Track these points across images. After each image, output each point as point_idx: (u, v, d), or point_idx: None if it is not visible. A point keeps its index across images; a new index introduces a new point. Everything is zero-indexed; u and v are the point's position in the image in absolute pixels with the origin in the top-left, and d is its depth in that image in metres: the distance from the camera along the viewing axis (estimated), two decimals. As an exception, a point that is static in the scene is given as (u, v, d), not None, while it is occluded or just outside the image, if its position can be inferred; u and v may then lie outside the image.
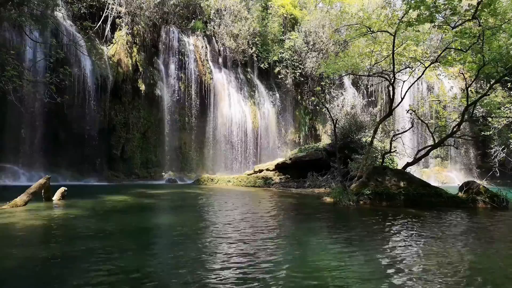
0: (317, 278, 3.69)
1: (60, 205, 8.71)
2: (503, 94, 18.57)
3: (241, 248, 4.86)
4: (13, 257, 4.32)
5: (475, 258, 4.67)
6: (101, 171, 18.87)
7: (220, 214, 8.38)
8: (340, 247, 5.06)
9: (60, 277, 3.63)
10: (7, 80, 11.75)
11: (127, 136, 20.26)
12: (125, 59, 20.21)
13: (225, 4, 24.61)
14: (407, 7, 10.55)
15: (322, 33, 26.41)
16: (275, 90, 27.11)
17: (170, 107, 21.90)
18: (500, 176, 21.49)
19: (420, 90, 28.10)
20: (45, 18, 14.81)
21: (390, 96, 13.73)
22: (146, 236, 5.73)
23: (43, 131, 17.15)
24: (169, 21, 22.96)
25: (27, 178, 15.75)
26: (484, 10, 10.05)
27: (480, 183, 11.05)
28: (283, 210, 9.31)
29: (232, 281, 3.56)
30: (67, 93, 14.97)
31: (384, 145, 18.18)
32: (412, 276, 3.86)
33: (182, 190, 14.39)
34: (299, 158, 18.07)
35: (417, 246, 5.27)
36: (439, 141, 13.39)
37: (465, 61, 12.29)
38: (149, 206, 9.74)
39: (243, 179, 18.13)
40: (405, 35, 12.66)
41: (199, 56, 23.20)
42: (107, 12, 19.74)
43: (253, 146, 24.44)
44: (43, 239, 5.46)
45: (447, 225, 7.26)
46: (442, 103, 23.66)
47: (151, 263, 4.17)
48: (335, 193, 10.72)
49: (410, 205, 9.80)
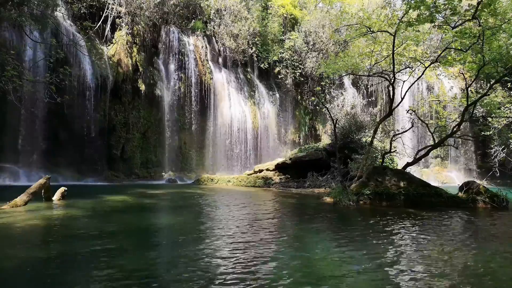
0: (318, 278, 3.69)
1: (60, 205, 8.71)
2: (503, 94, 18.56)
3: (241, 248, 4.86)
4: (13, 257, 4.32)
5: (475, 258, 4.67)
6: (101, 171, 18.87)
7: (220, 214, 8.38)
8: (341, 247, 5.06)
9: (60, 277, 3.63)
10: (7, 80, 11.76)
11: (127, 136, 20.26)
12: (125, 59, 20.21)
13: (225, 4, 24.61)
14: (407, 7, 10.56)
15: (322, 33, 26.41)
16: (275, 90, 27.11)
17: (170, 107, 21.90)
18: (500, 176, 21.48)
19: (420, 90, 28.10)
20: (45, 18, 14.81)
21: (390, 96, 13.73)
22: (146, 236, 5.73)
23: (43, 131, 17.15)
24: (169, 21, 22.96)
25: (27, 178, 15.75)
26: (484, 10, 10.05)
27: (480, 183, 11.04)
28: (283, 210, 9.31)
29: (232, 281, 3.56)
30: (67, 93, 14.97)
31: (384, 145, 18.20)
32: (412, 276, 3.86)
33: (182, 190, 14.39)
34: (299, 158, 18.07)
35: (417, 246, 5.27)
36: (439, 141, 13.39)
37: (465, 61, 12.29)
38: (149, 206, 9.74)
39: (243, 179, 18.13)
40: (405, 35, 12.66)
41: (199, 56, 23.20)
42: (107, 12, 19.74)
43: (253, 146, 24.44)
44: (43, 239, 5.46)
45: (447, 225, 7.26)
46: (442, 103, 23.66)
47: (151, 263, 4.17)
48: (335, 193, 10.72)
49: (410, 205, 9.80)
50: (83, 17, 19.30)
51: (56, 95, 12.68)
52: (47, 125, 17.18)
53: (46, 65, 15.42)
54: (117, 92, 19.86)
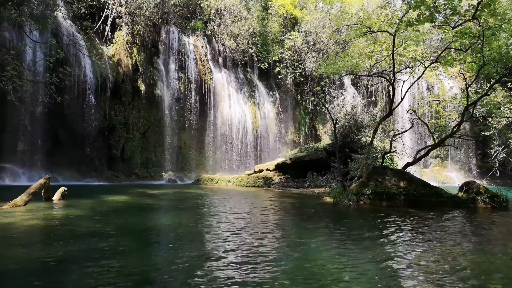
0: (318, 278, 3.69)
1: (60, 205, 8.71)
2: (503, 94, 18.57)
3: (241, 249, 4.86)
4: (13, 257, 4.31)
5: (475, 258, 4.67)
6: (101, 171, 18.88)
7: (220, 214, 8.38)
8: (341, 247, 5.06)
9: (60, 277, 3.63)
10: (7, 80, 11.75)
11: (127, 136, 20.27)
12: (125, 59, 20.21)
13: (225, 4, 24.61)
14: (407, 7, 10.56)
15: (322, 33, 26.42)
16: (275, 90, 27.11)
17: (170, 107, 21.91)
18: (500, 176, 21.48)
19: (420, 90, 28.11)
20: (45, 18, 14.81)
21: (390, 96, 13.73)
22: (146, 236, 5.72)
23: (43, 131, 17.16)
24: (169, 21, 22.97)
25: (27, 178, 15.76)
26: (484, 10, 10.05)
27: (480, 183, 11.04)
28: (283, 210, 9.31)
29: (233, 282, 3.56)
30: (67, 93, 14.97)
31: (384, 145, 18.20)
32: (412, 276, 3.86)
33: (182, 190, 14.39)
34: (299, 158, 18.07)
35: (417, 246, 5.27)
36: (439, 141, 13.39)
37: (465, 61, 12.30)
38: (149, 206, 9.73)
39: (243, 179, 18.13)
40: (405, 35, 12.66)
41: (199, 56, 23.20)
42: (107, 12, 19.75)
43: (253, 146, 24.45)
44: (43, 239, 5.46)
45: (447, 225, 7.26)
46: (442, 103, 23.67)
47: (151, 264, 4.16)
48: (335, 193, 10.72)
49: (410, 205, 9.80)
50: (83, 17, 19.30)
51: (56, 95, 12.67)
52: (47, 125, 17.19)
53: (46, 65, 15.42)
54: (117, 92, 19.87)
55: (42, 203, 8.76)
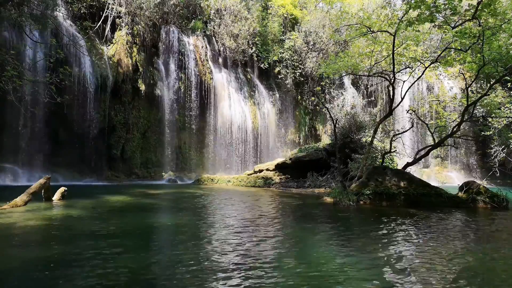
0: (318, 278, 3.69)
1: (60, 205, 8.71)
2: (503, 94, 18.54)
3: (241, 249, 4.86)
4: (13, 257, 4.31)
5: (474, 258, 4.67)
6: (101, 171, 18.88)
7: (220, 214, 8.38)
8: (341, 247, 5.06)
9: (60, 277, 3.62)
10: (7, 80, 11.76)
11: (127, 136, 20.27)
12: (125, 59, 20.21)
13: (225, 4, 24.61)
14: (407, 7, 10.56)
15: (322, 33, 26.43)
16: (275, 90, 27.12)
17: (170, 107, 21.91)
18: (500, 176, 21.48)
19: (420, 90, 28.10)
20: (45, 18, 14.81)
21: (390, 96, 13.73)
22: (146, 236, 5.72)
23: (43, 131, 17.16)
24: (169, 21, 22.97)
25: (27, 178, 15.76)
26: (484, 10, 10.05)
27: (480, 183, 11.03)
28: (283, 210, 9.31)
29: (233, 282, 3.56)
30: (67, 93, 14.98)
31: (384, 145, 18.18)
32: (412, 276, 3.86)
33: (182, 190, 14.38)
34: (299, 158, 18.07)
35: (417, 246, 5.27)
36: (439, 141, 13.39)
37: (465, 61, 12.29)
38: (149, 206, 9.73)
39: (243, 179, 18.13)
40: (405, 35, 12.67)
41: (199, 56, 23.21)
42: (107, 12, 19.75)
43: (253, 146, 24.45)
44: (43, 239, 5.46)
45: (447, 225, 7.26)
46: (442, 103, 23.67)
47: (151, 264, 4.16)
48: (335, 193, 10.71)
49: (410, 205, 9.80)
50: (83, 17, 19.31)
51: (56, 95, 12.68)
52: (47, 125, 17.19)
53: (46, 65, 15.42)
54: (117, 92, 19.87)
55: (42, 203, 8.76)
